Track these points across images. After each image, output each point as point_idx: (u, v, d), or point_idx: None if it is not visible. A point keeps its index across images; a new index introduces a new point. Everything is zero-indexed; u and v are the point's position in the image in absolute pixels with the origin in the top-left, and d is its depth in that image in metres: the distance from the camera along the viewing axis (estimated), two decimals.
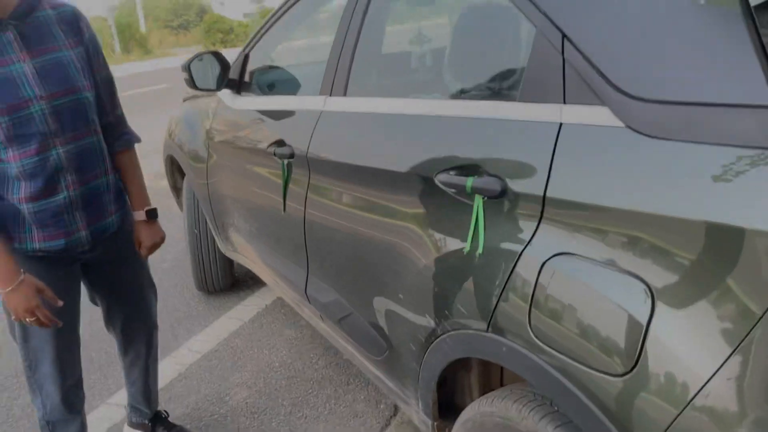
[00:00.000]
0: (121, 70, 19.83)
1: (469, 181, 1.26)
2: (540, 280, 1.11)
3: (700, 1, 1.05)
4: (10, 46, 1.44)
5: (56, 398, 1.72)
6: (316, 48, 2.74)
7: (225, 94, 2.63)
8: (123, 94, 1.83)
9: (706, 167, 0.92)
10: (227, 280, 3.24)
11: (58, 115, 1.48)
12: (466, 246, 1.29)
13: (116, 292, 1.85)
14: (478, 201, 1.26)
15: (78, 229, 1.58)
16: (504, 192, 1.21)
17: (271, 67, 2.61)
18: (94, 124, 1.59)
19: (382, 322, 1.69)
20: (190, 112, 3.06)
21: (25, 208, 1.50)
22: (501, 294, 1.20)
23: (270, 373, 2.56)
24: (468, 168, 1.30)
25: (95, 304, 1.91)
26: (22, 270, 1.49)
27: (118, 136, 1.73)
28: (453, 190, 1.33)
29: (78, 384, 1.80)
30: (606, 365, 1.00)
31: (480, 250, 1.25)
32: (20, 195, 1.49)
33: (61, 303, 1.56)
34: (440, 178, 1.36)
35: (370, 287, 1.72)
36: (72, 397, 1.76)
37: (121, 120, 1.75)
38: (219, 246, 3.00)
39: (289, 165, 2.06)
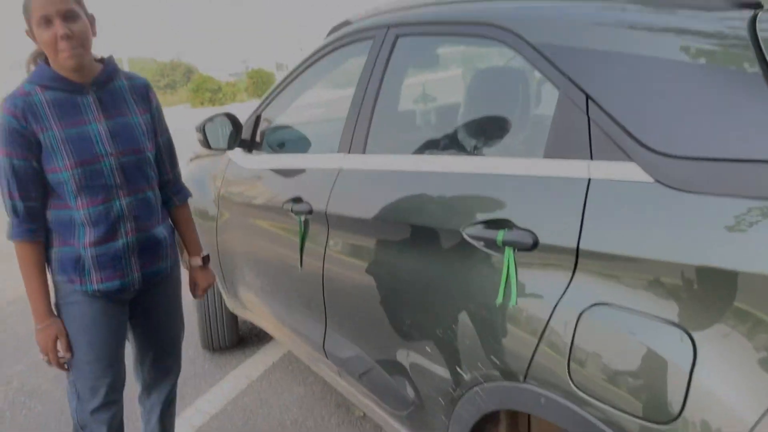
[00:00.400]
0: None
1: (500, 235, 1.31)
2: (578, 330, 1.15)
3: (718, 61, 1.13)
4: (89, 108, 1.65)
5: (92, 406, 1.80)
6: (327, 108, 2.83)
7: (236, 153, 2.69)
8: None
9: (734, 218, 0.97)
10: (233, 338, 3.23)
11: (123, 171, 1.68)
12: (498, 297, 1.32)
13: (153, 331, 1.95)
14: (509, 253, 1.30)
15: (132, 271, 1.74)
16: (535, 244, 1.25)
17: (283, 127, 2.69)
18: (152, 180, 1.79)
19: (406, 376, 1.70)
20: (198, 172, 3.11)
21: (88, 252, 1.67)
22: (538, 344, 1.23)
23: None
24: (496, 222, 1.35)
25: (130, 339, 1.98)
26: (53, 316, 1.70)
27: (176, 192, 1.95)
28: (482, 243, 1.37)
29: (117, 400, 1.86)
30: (651, 413, 1.03)
31: (513, 302, 1.29)
32: (85, 240, 1.66)
33: (69, 356, 1.73)
34: (468, 232, 1.40)
35: (393, 341, 1.74)
36: (108, 410, 1.83)
37: (178, 177, 1.96)
38: (226, 303, 3.00)
39: (306, 221, 2.10)
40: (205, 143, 2.53)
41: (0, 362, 3.43)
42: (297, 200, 2.13)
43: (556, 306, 1.20)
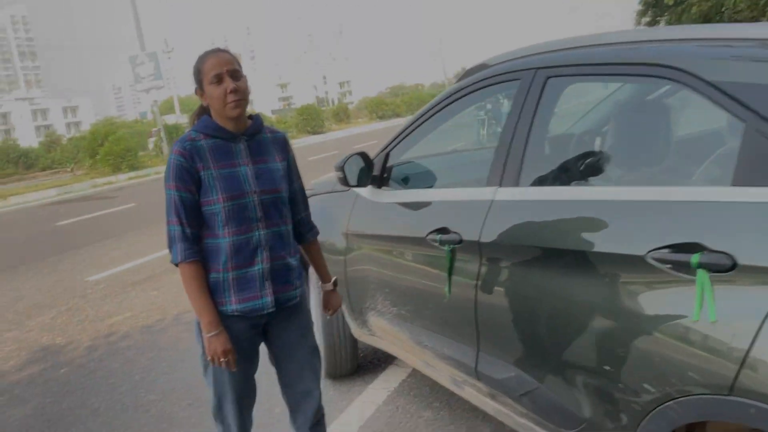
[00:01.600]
0: None
1: (695, 258, 1.42)
2: None
3: None
4: (240, 154, 1.97)
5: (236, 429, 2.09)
6: (460, 143, 3.01)
7: (364, 189, 2.87)
8: None
9: None
10: (353, 364, 3.37)
11: (263, 207, 1.95)
12: (694, 315, 1.42)
13: (288, 356, 2.13)
14: (704, 275, 1.41)
15: (266, 294, 1.97)
16: (733, 266, 1.36)
17: (414, 164, 2.86)
18: (286, 217, 2.05)
19: (580, 394, 1.80)
20: (322, 207, 3.31)
21: (229, 275, 1.93)
22: (745, 358, 1.32)
23: None
24: (685, 246, 1.46)
25: (273, 365, 2.18)
26: (222, 326, 1.92)
27: (309, 229, 2.23)
28: (669, 266, 1.48)
29: (249, 421, 2.15)
30: None
31: (713, 318, 1.39)
32: (228, 265, 1.93)
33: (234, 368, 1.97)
34: (654, 256, 1.51)
35: (562, 362, 1.84)
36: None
37: (309, 217, 2.23)
38: (352, 331, 3.15)
39: (453, 251, 2.25)
40: (344, 181, 2.72)
41: (131, 391, 3.66)
42: (443, 231, 2.28)
43: (764, 321, 1.30)
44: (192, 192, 1.89)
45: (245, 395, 2.09)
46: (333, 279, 2.29)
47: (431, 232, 2.35)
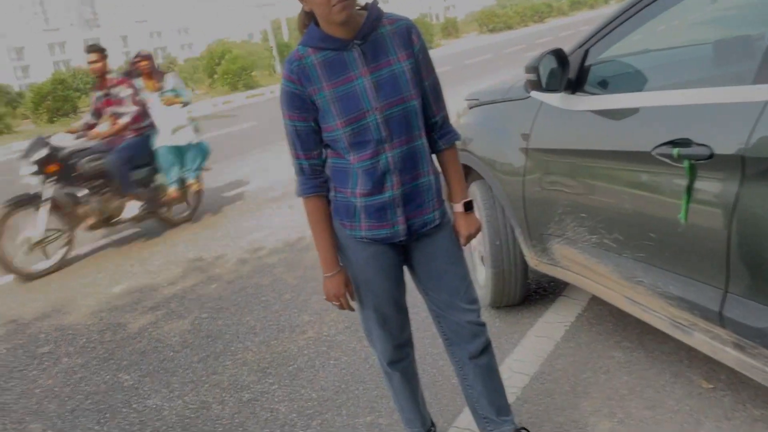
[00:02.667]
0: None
1: None
2: None
3: None
4: (354, 64, 1.65)
5: (386, 354, 1.98)
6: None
7: (552, 96, 2.43)
8: None
9: None
10: (522, 294, 3.05)
11: (388, 124, 1.67)
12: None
13: (433, 277, 1.90)
14: None
15: (397, 222, 1.76)
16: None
17: (618, 62, 2.38)
18: (418, 130, 1.74)
19: None
20: (492, 118, 2.92)
21: (358, 201, 1.73)
22: None
23: (623, 402, 2.30)
24: None
25: (421, 293, 1.98)
26: (340, 264, 1.83)
27: (442, 135, 1.86)
28: None
29: (405, 344, 2.01)
30: None
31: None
32: (356, 191, 1.73)
33: (354, 309, 1.90)
34: None
35: None
36: (399, 354, 1.99)
37: (445, 120, 1.87)
38: (528, 259, 2.81)
39: (693, 167, 1.80)
40: (538, 84, 2.30)
41: (284, 311, 3.58)
42: (682, 143, 1.83)
43: None
44: (307, 120, 1.69)
45: (393, 319, 1.92)
46: (465, 200, 1.91)
47: (661, 145, 1.90)
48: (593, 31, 2.32)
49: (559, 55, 2.32)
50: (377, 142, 1.67)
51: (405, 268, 1.93)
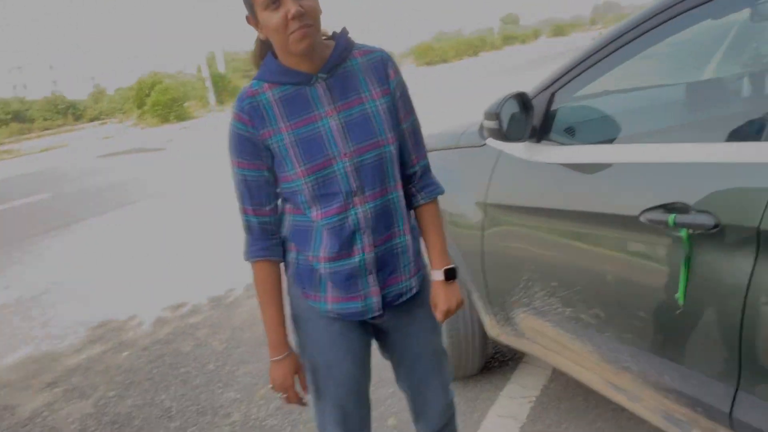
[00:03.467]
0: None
1: None
2: None
3: None
4: (319, 101, 1.39)
5: None
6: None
7: (514, 145, 2.12)
8: None
9: None
10: (481, 365, 2.69)
11: (358, 173, 1.40)
12: None
13: (406, 359, 1.65)
14: None
15: (370, 293, 1.48)
16: None
17: (588, 107, 2.09)
18: (394, 181, 1.47)
19: None
20: (444, 168, 2.56)
21: (322, 267, 1.45)
22: None
23: None
24: None
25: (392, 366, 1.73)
26: (290, 347, 1.53)
27: (422, 187, 1.58)
28: None
29: None
30: None
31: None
32: (320, 254, 1.44)
33: (306, 403, 1.59)
34: None
35: None
36: None
37: (426, 170, 1.59)
38: (487, 327, 2.46)
39: (691, 237, 1.50)
40: (499, 132, 1.97)
41: (206, 386, 3.08)
42: (678, 208, 1.52)
43: None
44: (259, 168, 1.41)
45: (354, 416, 1.61)
46: (447, 266, 1.57)
47: (650, 209, 1.59)
48: (560, 72, 2.01)
49: (522, 99, 2.00)
50: (346, 195, 1.40)
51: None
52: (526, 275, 2.12)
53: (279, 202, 1.49)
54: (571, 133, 2.10)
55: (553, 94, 2.03)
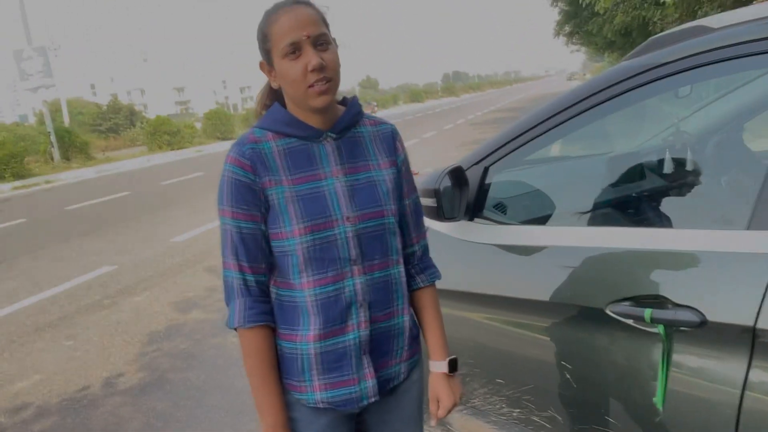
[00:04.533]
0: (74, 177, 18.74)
1: None
2: None
3: None
4: (326, 160, 1.32)
5: None
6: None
7: (447, 226, 1.91)
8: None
9: None
10: None
11: (360, 240, 1.30)
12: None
13: None
14: None
15: (364, 377, 1.34)
16: None
17: (520, 182, 1.93)
18: (397, 254, 1.38)
19: None
20: None
21: (310, 348, 1.30)
22: None
23: None
24: None
25: None
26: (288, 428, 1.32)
27: (422, 269, 1.49)
28: None
29: None
30: None
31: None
32: (308, 332, 1.30)
33: None
34: None
35: None
36: None
37: (426, 251, 1.51)
38: None
39: (670, 335, 1.35)
40: (438, 212, 1.75)
41: None
42: (655, 302, 1.37)
43: None
44: (256, 220, 1.29)
45: None
46: (450, 357, 1.47)
47: (618, 301, 1.43)
48: (495, 144, 1.85)
49: (456, 174, 1.81)
50: (344, 263, 1.29)
51: None
52: (464, 369, 1.88)
53: (271, 263, 1.33)
54: (505, 211, 1.94)
55: (486, 168, 1.86)
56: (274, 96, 1.37)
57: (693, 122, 2.36)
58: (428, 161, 11.95)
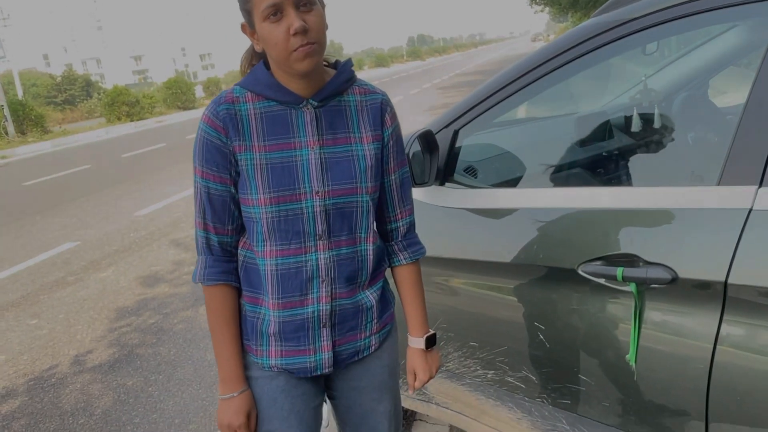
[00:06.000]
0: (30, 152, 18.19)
1: None
2: None
3: None
4: (303, 128, 1.26)
5: None
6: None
7: (417, 191, 1.89)
8: None
9: None
10: None
11: (327, 216, 1.27)
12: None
13: (352, 418, 1.49)
14: None
15: (320, 349, 1.33)
16: None
17: (491, 145, 1.91)
18: (365, 232, 1.33)
19: None
20: None
21: (271, 315, 1.30)
22: None
23: None
24: None
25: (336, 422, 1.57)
26: (246, 383, 1.35)
27: (406, 246, 1.45)
28: None
29: None
30: None
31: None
32: (268, 299, 1.29)
33: None
34: None
35: None
36: None
37: (410, 227, 1.46)
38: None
39: (642, 293, 1.36)
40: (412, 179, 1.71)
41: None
42: (626, 261, 1.37)
43: None
44: (225, 182, 1.26)
45: None
46: (428, 334, 1.47)
47: (590, 261, 1.44)
48: (463, 107, 1.82)
49: (426, 138, 1.78)
50: (308, 237, 1.26)
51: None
52: (438, 333, 1.87)
53: (240, 224, 1.32)
54: (476, 174, 1.92)
55: (456, 132, 1.83)
56: (259, 58, 1.32)
57: (659, 79, 2.35)
58: None
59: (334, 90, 1.27)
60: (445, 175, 1.85)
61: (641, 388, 1.42)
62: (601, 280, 1.42)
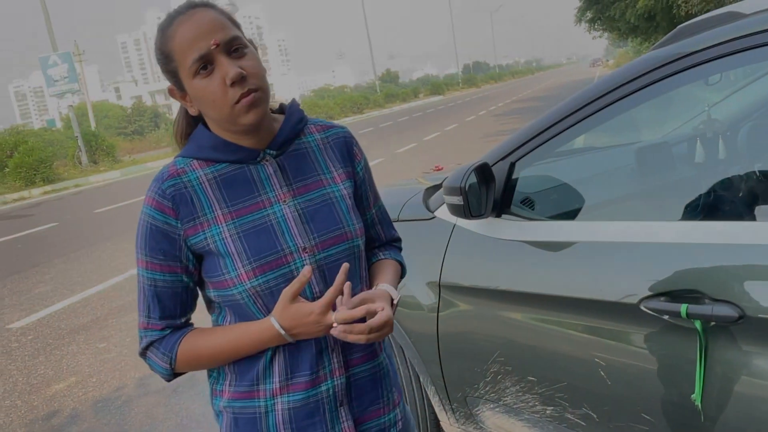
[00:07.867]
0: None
1: None
2: None
3: None
4: (268, 183, 1.12)
5: None
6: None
7: (473, 223, 1.89)
8: None
9: None
10: None
11: (323, 273, 1.11)
12: None
13: None
14: None
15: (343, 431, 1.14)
16: None
17: (547, 176, 1.91)
18: (364, 283, 1.20)
19: None
20: None
21: (277, 404, 1.11)
22: None
23: None
24: None
25: None
26: (269, 319, 1.06)
27: (387, 250, 1.33)
28: None
29: None
30: None
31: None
32: (273, 386, 1.11)
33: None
34: None
35: None
36: None
37: (393, 239, 1.37)
38: (444, 425, 2.16)
39: (706, 330, 1.32)
40: (464, 210, 1.73)
41: None
42: (691, 297, 1.34)
43: None
44: (175, 270, 1.10)
45: None
46: (396, 299, 1.16)
47: (652, 296, 1.40)
48: (521, 138, 1.83)
49: (482, 170, 1.79)
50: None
51: None
52: (495, 367, 1.86)
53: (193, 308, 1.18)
54: (533, 206, 1.92)
55: (512, 164, 1.84)
56: (194, 123, 1.16)
57: (723, 109, 2.30)
58: (451, 153, 11.90)
59: (290, 133, 1.15)
60: (502, 206, 1.85)
61: (707, 429, 1.37)
62: (665, 317, 1.39)
